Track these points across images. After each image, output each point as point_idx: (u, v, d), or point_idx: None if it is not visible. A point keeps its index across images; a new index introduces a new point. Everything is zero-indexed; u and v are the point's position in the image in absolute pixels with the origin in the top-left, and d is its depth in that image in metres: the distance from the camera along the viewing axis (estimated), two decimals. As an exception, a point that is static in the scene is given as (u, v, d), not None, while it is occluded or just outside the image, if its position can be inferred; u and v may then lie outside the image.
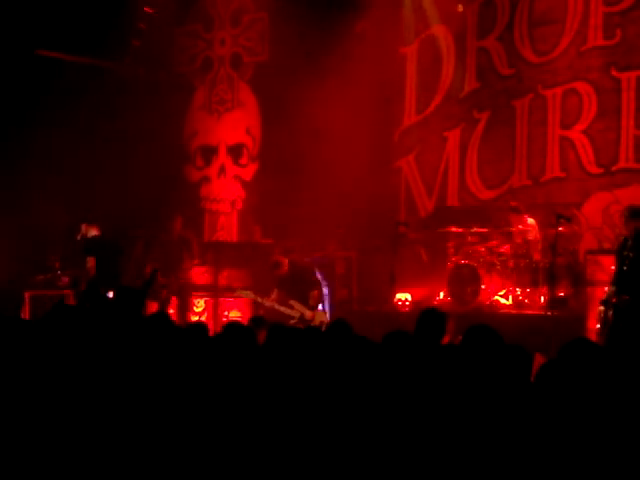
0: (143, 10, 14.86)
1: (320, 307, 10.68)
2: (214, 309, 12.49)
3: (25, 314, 11.53)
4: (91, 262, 11.03)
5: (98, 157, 13.88)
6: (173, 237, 12.04)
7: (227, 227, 15.48)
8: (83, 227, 11.53)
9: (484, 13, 13.00)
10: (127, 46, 14.93)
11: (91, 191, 13.29)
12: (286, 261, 10.77)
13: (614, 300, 8.31)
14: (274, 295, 10.74)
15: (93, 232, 11.45)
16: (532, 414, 3.54)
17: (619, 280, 8.36)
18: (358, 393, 4.25)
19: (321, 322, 10.28)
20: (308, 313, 10.41)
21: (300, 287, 10.61)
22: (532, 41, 12.54)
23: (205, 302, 12.66)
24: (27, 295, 11.86)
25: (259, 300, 10.95)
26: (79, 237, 11.53)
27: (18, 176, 12.95)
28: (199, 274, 12.83)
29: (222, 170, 15.64)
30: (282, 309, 10.59)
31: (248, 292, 11.25)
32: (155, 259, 11.79)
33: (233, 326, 5.12)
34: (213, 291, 12.62)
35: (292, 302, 10.52)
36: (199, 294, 12.67)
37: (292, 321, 10.30)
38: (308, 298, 10.53)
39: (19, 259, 12.59)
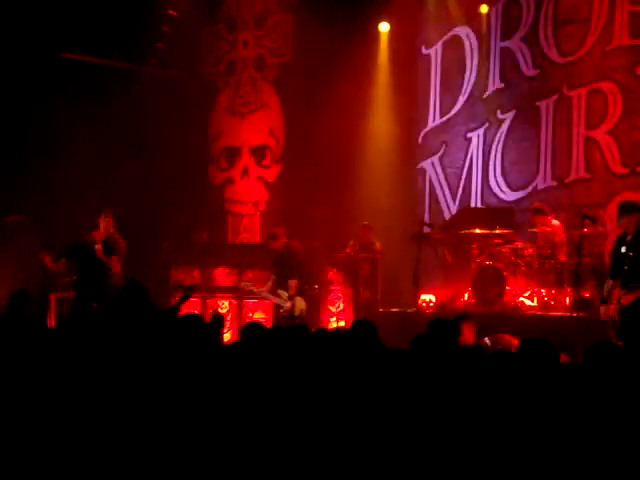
0: (168, 13, 14.95)
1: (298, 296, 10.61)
2: (238, 310, 12.53)
3: (51, 317, 11.57)
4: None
5: (123, 159, 13.94)
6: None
7: (250, 229, 15.51)
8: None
9: (508, 13, 12.94)
10: (152, 48, 15.01)
11: (117, 192, 13.34)
12: (284, 239, 10.77)
13: (622, 302, 8.28)
14: (269, 284, 10.84)
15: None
16: (560, 411, 3.53)
17: (622, 281, 8.32)
18: (381, 399, 4.22)
19: (301, 311, 10.50)
20: (288, 303, 10.48)
21: (284, 272, 10.67)
22: (557, 41, 12.46)
23: (229, 303, 12.70)
24: (52, 297, 11.91)
25: (255, 290, 11.07)
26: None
27: (43, 178, 13.03)
28: (223, 275, 12.87)
29: (245, 171, 15.66)
30: (271, 298, 10.78)
31: (248, 284, 11.38)
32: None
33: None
34: (237, 293, 12.64)
35: (280, 292, 10.64)
36: (223, 295, 12.74)
37: (281, 310, 10.51)
38: (288, 287, 10.58)
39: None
